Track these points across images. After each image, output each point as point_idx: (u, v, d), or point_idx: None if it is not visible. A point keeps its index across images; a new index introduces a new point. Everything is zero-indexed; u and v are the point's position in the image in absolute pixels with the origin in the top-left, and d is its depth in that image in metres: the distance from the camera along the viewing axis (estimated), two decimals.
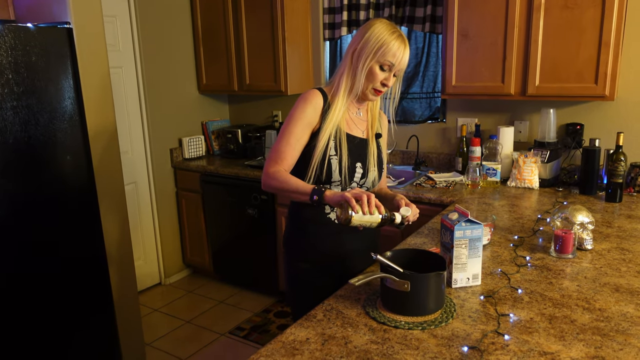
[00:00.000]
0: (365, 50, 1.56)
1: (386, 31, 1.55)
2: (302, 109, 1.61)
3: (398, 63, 1.56)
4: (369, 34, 1.56)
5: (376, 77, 1.57)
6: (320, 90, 1.66)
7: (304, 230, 1.74)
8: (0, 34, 1.87)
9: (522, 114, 2.91)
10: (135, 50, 3.43)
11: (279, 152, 1.60)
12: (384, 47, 1.54)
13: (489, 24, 2.57)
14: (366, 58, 1.56)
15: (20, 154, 1.98)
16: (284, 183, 1.56)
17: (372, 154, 1.71)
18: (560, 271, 1.62)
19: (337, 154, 1.63)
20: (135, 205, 3.58)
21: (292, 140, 1.60)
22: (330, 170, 1.63)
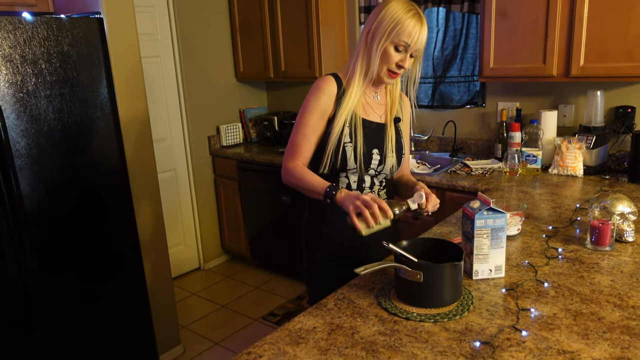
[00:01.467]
0: (379, 30, 1.48)
1: (401, 9, 1.46)
2: (315, 98, 1.57)
3: (414, 43, 1.48)
4: (384, 13, 1.48)
5: (391, 59, 1.49)
6: (335, 75, 1.61)
7: (322, 220, 1.70)
8: (33, 25, 1.94)
9: (567, 97, 2.73)
10: (173, 40, 3.49)
11: (295, 145, 1.58)
12: (399, 26, 1.45)
13: (529, 1, 2.42)
14: (380, 38, 1.48)
15: (54, 141, 2.06)
16: (299, 180, 1.54)
17: (390, 139, 1.64)
18: (594, 264, 1.51)
19: (352, 140, 1.57)
20: (174, 192, 3.67)
21: (308, 132, 1.57)
22: (345, 158, 1.57)
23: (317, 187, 1.50)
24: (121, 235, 2.35)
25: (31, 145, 1.99)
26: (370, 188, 1.67)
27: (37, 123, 1.99)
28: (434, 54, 3.18)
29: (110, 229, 2.30)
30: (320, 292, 1.72)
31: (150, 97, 3.42)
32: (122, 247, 2.36)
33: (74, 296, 2.22)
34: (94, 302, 2.30)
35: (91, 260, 2.25)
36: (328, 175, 1.60)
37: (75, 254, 2.19)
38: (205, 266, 3.94)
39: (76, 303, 2.23)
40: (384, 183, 1.71)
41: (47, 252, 2.10)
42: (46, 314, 2.13)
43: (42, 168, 2.03)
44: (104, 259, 2.29)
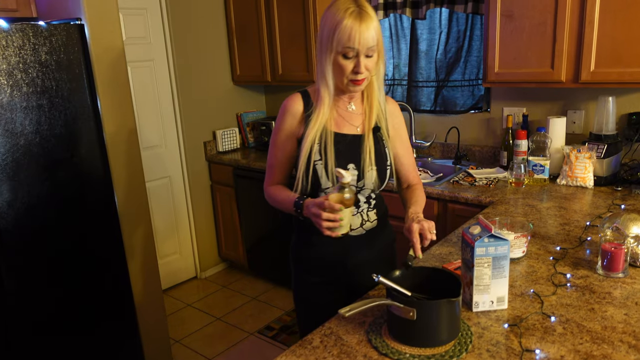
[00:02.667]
0: (323, 42, 1.37)
1: (338, 12, 1.31)
2: (281, 119, 1.52)
3: (359, 44, 1.31)
4: (323, 20, 1.36)
5: (344, 68, 1.36)
6: (303, 92, 1.52)
7: (310, 242, 1.59)
8: (7, 33, 1.84)
9: (577, 102, 2.59)
10: (166, 43, 3.38)
11: (269, 167, 1.58)
12: (337, 32, 1.31)
13: (536, 3, 2.28)
14: (325, 51, 1.36)
15: (32, 156, 1.96)
16: (274, 200, 1.56)
17: (368, 151, 1.48)
18: (607, 294, 1.38)
19: (322, 157, 1.45)
20: (169, 200, 3.56)
21: (278, 153, 1.54)
22: (317, 177, 1.46)
23: (287, 204, 1.47)
24: (106, 249, 2.25)
25: (7, 159, 1.89)
26: (357, 207, 1.54)
27: (13, 137, 1.89)
28: (436, 57, 3.04)
29: (94, 244, 2.20)
30: (309, 319, 1.62)
31: (143, 103, 3.31)
32: (106, 261, 2.26)
33: (55, 314, 2.12)
34: (78, 320, 2.20)
35: (74, 276, 2.15)
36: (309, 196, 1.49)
37: (56, 271, 2.09)
38: (202, 275, 3.84)
39: (58, 321, 2.13)
40: (373, 202, 1.58)
41: (26, 270, 2.00)
42: (26, 333, 2.04)
43: (19, 184, 1.93)
44: (87, 274, 2.19)
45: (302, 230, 1.61)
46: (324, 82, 1.42)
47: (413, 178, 1.67)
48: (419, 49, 3.11)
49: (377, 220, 1.60)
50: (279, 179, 1.57)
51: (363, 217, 1.56)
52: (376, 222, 1.60)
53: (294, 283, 1.69)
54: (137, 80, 3.26)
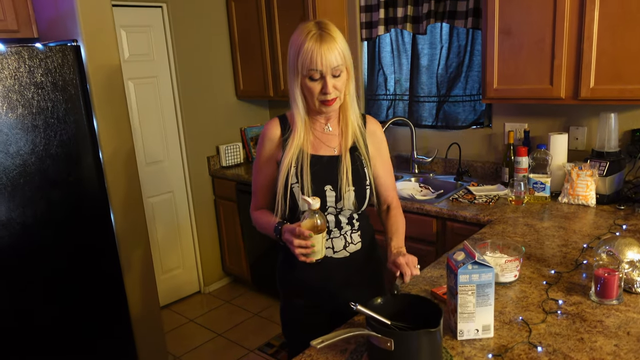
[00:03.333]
0: (289, 67, 1.41)
1: (300, 36, 1.36)
2: (260, 144, 1.55)
3: (322, 66, 1.34)
4: (289, 47, 1.40)
5: (312, 90, 1.38)
6: (282, 117, 1.55)
7: (293, 264, 1.57)
8: (3, 56, 1.87)
9: (579, 118, 2.54)
10: (170, 60, 3.41)
11: (253, 192, 1.61)
12: (301, 56, 1.35)
13: (534, 19, 2.25)
14: (292, 75, 1.40)
15: (28, 175, 1.98)
16: (259, 226, 1.55)
17: (345, 171, 1.47)
18: (598, 322, 1.34)
19: (299, 180, 1.46)
20: (173, 214, 3.58)
21: (260, 178, 1.57)
22: (294, 200, 1.46)
23: (269, 229, 1.47)
24: (102, 267, 2.26)
25: (2, 179, 1.91)
26: (339, 229, 1.53)
27: (9, 157, 1.91)
28: (437, 72, 3.02)
29: (90, 262, 2.21)
30: (295, 340, 1.61)
31: (147, 119, 3.35)
32: (103, 280, 2.27)
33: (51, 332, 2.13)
34: (74, 337, 2.21)
35: (70, 295, 2.16)
36: (289, 220, 1.49)
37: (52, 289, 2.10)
38: (205, 290, 3.84)
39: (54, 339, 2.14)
40: (356, 223, 1.56)
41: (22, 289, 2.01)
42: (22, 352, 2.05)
43: (15, 204, 1.95)
44: (83, 293, 2.20)
45: (286, 253, 1.59)
46: (295, 106, 1.45)
47: (392, 199, 1.66)
48: (420, 64, 3.09)
49: (362, 242, 1.58)
50: (262, 203, 1.58)
51: (347, 240, 1.54)
52: (360, 244, 1.58)
53: (280, 304, 1.67)
54: (141, 97, 3.30)
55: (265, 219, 1.50)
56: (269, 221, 1.47)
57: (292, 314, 1.62)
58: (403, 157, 3.26)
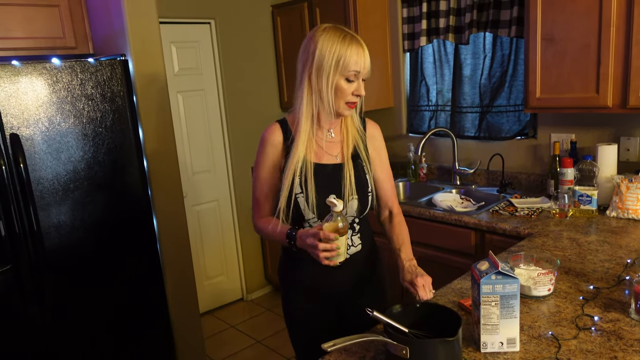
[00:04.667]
0: (323, 68, 1.40)
1: (336, 40, 1.39)
2: (262, 151, 1.52)
3: (363, 68, 1.41)
4: (320, 49, 1.39)
5: (346, 91, 1.42)
6: (282, 122, 1.53)
7: (297, 263, 1.57)
8: (58, 70, 2.02)
9: (630, 128, 2.41)
10: (216, 73, 3.55)
11: (255, 200, 1.56)
12: (343, 58, 1.38)
13: (579, 25, 2.17)
14: (327, 76, 1.40)
15: (78, 181, 2.11)
16: (265, 234, 1.52)
17: (349, 179, 1.49)
18: (636, 341, 1.26)
19: (303, 190, 1.46)
20: (217, 222, 3.68)
21: (263, 186, 1.53)
22: (299, 210, 1.47)
23: (279, 236, 1.46)
24: (144, 271, 2.36)
25: (54, 185, 2.05)
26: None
27: (61, 164, 2.05)
28: (480, 82, 2.96)
29: (133, 267, 2.32)
30: (299, 339, 1.65)
31: (194, 130, 3.48)
32: (144, 283, 2.37)
33: (93, 331, 2.24)
34: (114, 339, 2.31)
35: (112, 297, 2.27)
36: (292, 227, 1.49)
37: (95, 290, 2.21)
38: (248, 297, 3.91)
39: (96, 339, 2.25)
40: (357, 227, 1.56)
41: (68, 290, 2.14)
42: (65, 348, 2.17)
43: (65, 208, 2.09)
44: (125, 295, 2.31)
45: (288, 254, 1.61)
46: (311, 109, 1.44)
47: (392, 204, 1.66)
48: (463, 74, 3.04)
49: (362, 244, 1.59)
50: (266, 211, 1.55)
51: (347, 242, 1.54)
52: (360, 246, 1.58)
53: (282, 304, 1.68)
54: (189, 109, 3.44)
55: (273, 226, 1.48)
56: (278, 228, 1.46)
57: (295, 313, 1.63)
58: (445, 168, 3.21)
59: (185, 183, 3.44)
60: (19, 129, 1.96)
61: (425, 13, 3.11)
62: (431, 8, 3.09)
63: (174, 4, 3.25)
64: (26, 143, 1.98)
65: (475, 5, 2.84)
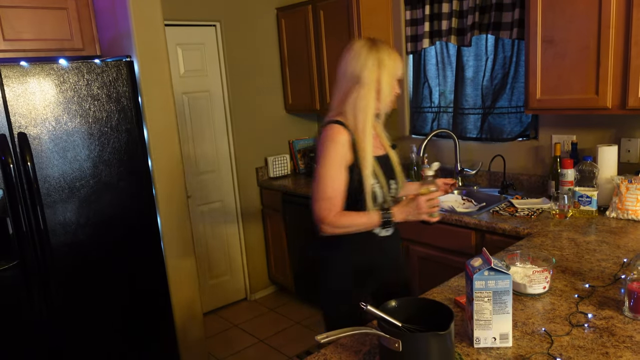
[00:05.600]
0: (385, 74, 1.65)
1: (382, 51, 1.66)
2: (335, 150, 1.61)
3: (402, 73, 1.78)
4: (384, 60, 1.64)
5: (394, 91, 1.71)
6: (340, 123, 1.65)
7: (338, 244, 1.73)
8: (65, 70, 2.06)
9: (631, 129, 2.42)
10: (222, 75, 3.59)
11: (330, 199, 1.62)
12: (396, 68, 1.67)
13: (578, 26, 2.19)
14: (389, 80, 1.66)
15: (84, 179, 2.15)
16: (350, 227, 1.65)
17: (396, 165, 1.80)
18: (627, 338, 1.27)
19: (378, 180, 1.69)
20: (222, 223, 3.72)
21: (337, 185, 1.62)
22: (376, 198, 1.69)
23: (370, 221, 1.65)
24: (148, 269, 2.39)
25: (61, 183, 2.10)
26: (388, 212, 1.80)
27: (67, 163, 2.10)
28: (482, 83, 2.98)
29: (137, 265, 2.36)
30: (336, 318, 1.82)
31: (199, 131, 3.53)
32: (148, 282, 2.41)
33: (96, 328, 2.28)
34: (118, 335, 2.35)
35: (116, 294, 2.31)
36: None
37: (99, 288, 2.26)
38: (251, 297, 3.94)
39: (99, 335, 2.29)
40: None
41: (73, 286, 2.18)
42: (70, 346, 2.21)
43: (71, 205, 2.13)
44: (129, 293, 2.35)
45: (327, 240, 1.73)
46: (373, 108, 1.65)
47: None
48: (465, 76, 3.06)
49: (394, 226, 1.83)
50: (340, 207, 1.64)
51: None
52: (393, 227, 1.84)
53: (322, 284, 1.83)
54: (194, 110, 3.48)
55: (360, 216, 1.65)
56: (365, 215, 1.65)
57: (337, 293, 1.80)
58: (447, 169, 3.22)
59: (190, 183, 3.49)
60: (26, 128, 2.01)
61: (428, 15, 3.14)
62: (434, 10, 3.11)
63: (180, 7, 3.30)
64: (33, 142, 2.03)
65: (478, 7, 2.86)
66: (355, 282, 1.78)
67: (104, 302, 2.28)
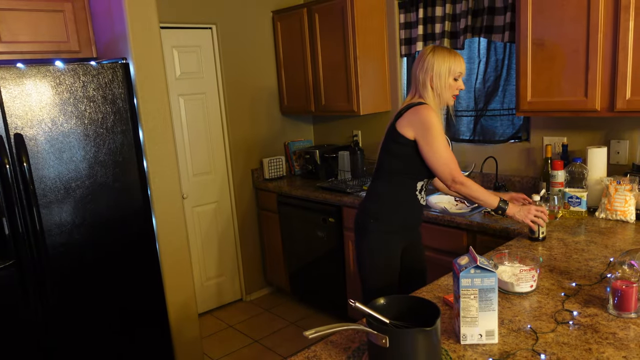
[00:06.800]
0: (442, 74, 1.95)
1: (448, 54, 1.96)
2: (437, 126, 1.92)
3: (464, 69, 2.00)
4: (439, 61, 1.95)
5: (453, 87, 1.99)
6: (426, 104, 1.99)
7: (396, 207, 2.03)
8: (62, 72, 2.09)
9: (620, 131, 2.46)
10: (217, 77, 3.62)
11: (452, 160, 1.94)
12: (454, 66, 1.95)
13: (568, 31, 2.22)
14: (446, 78, 1.95)
15: (79, 180, 2.18)
16: (475, 192, 1.94)
17: None
18: (610, 334, 1.30)
19: None
20: (217, 224, 3.74)
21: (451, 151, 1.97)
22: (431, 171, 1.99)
23: (490, 202, 1.95)
24: (143, 270, 2.42)
25: (56, 183, 2.12)
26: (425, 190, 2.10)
27: (63, 163, 2.12)
28: (475, 86, 3.02)
29: (132, 266, 2.38)
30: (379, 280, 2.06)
31: (194, 132, 3.55)
32: (143, 282, 2.43)
33: (91, 327, 2.30)
34: (113, 335, 2.37)
35: (111, 294, 2.33)
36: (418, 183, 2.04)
37: (94, 288, 2.27)
38: (247, 298, 3.96)
39: (94, 335, 2.31)
40: None
41: (68, 286, 2.20)
42: (65, 345, 2.23)
43: (67, 206, 2.15)
44: (123, 294, 2.36)
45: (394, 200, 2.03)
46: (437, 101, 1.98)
47: None
48: None
49: None
50: None
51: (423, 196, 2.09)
52: None
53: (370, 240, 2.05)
54: (190, 112, 3.51)
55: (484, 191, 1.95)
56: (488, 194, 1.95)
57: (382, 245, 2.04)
58: None
59: (185, 185, 3.51)
60: (23, 129, 2.03)
61: (422, 18, 3.17)
62: (427, 14, 3.15)
63: (176, 10, 3.33)
64: (30, 143, 2.05)
65: (470, 11, 2.90)
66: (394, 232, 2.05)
67: (99, 302, 2.30)
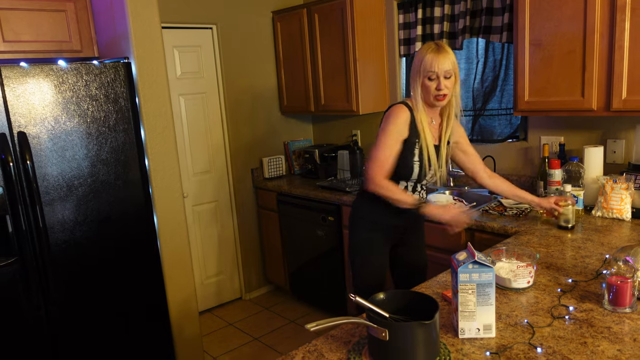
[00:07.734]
0: (413, 71, 1.91)
1: (424, 50, 1.86)
2: (394, 124, 1.89)
3: (438, 69, 1.83)
4: (415, 57, 1.91)
5: (429, 88, 1.87)
6: (405, 104, 1.93)
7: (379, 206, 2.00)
8: (64, 71, 2.11)
9: (616, 131, 2.49)
10: (218, 76, 3.64)
11: (382, 161, 1.91)
12: (422, 63, 1.85)
13: (565, 31, 2.25)
14: (415, 77, 1.89)
15: (81, 178, 2.20)
16: (390, 192, 1.90)
17: (442, 158, 2.00)
18: (605, 329, 1.33)
19: (420, 160, 1.94)
20: (217, 223, 3.77)
21: (391, 153, 1.91)
22: (411, 173, 1.96)
23: (405, 202, 1.91)
24: (144, 268, 2.44)
25: (59, 181, 2.14)
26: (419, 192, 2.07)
27: (65, 162, 2.14)
28: (473, 86, 3.04)
29: (133, 263, 2.40)
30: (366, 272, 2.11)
31: (195, 132, 3.57)
32: (144, 280, 2.45)
33: (93, 323, 2.32)
34: (115, 332, 2.39)
35: (112, 291, 2.35)
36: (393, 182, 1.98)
37: (96, 284, 2.30)
38: (246, 296, 3.98)
39: (98, 332, 2.33)
40: (425, 187, 2.12)
41: (71, 283, 2.22)
42: (67, 341, 2.25)
43: (69, 204, 2.17)
44: (125, 291, 2.39)
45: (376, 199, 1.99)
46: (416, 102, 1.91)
47: (482, 170, 2.19)
48: None
49: None
50: (387, 173, 1.92)
51: (422, 196, 2.10)
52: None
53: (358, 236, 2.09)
54: (190, 111, 3.53)
55: (399, 190, 1.93)
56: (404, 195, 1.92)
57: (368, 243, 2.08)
58: None
59: (186, 183, 3.53)
60: (26, 127, 2.05)
61: (421, 19, 3.20)
62: (426, 14, 3.18)
63: (177, 10, 3.35)
64: (33, 141, 2.07)
65: (468, 11, 2.92)
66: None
67: (100, 299, 2.32)
